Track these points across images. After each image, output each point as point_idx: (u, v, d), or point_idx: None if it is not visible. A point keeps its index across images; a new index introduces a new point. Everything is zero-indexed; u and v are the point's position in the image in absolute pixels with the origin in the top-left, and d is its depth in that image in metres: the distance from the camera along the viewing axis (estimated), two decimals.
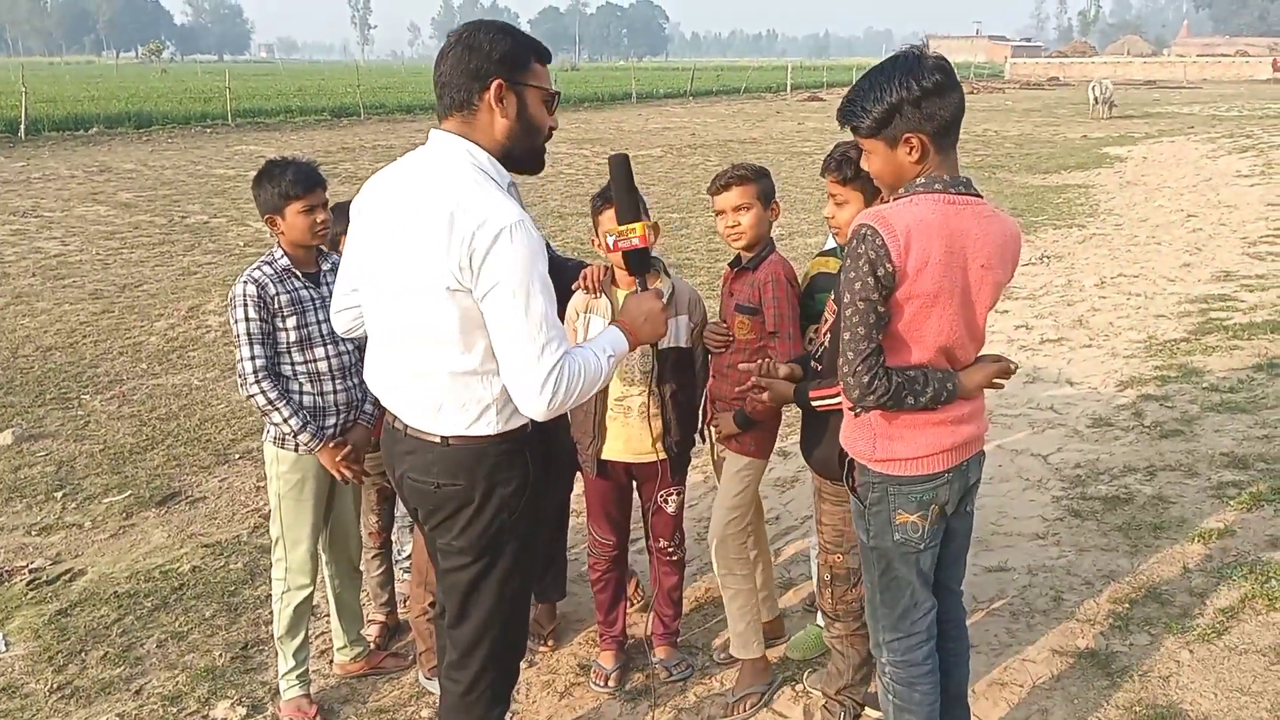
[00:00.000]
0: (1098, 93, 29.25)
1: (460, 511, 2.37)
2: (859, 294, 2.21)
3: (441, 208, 2.17)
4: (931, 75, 2.20)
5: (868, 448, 2.42)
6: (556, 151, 20.65)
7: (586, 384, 2.25)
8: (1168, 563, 3.99)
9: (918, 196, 2.25)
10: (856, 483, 2.51)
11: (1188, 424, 5.46)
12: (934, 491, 2.41)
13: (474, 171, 2.24)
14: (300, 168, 3.17)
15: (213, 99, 31.22)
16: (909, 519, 2.42)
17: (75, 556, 4.46)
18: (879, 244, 2.17)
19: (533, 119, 2.33)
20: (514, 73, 2.27)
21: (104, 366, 7.07)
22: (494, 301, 2.16)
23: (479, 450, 2.33)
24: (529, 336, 2.16)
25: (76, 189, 15.45)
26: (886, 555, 2.48)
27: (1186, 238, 11.25)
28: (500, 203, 2.17)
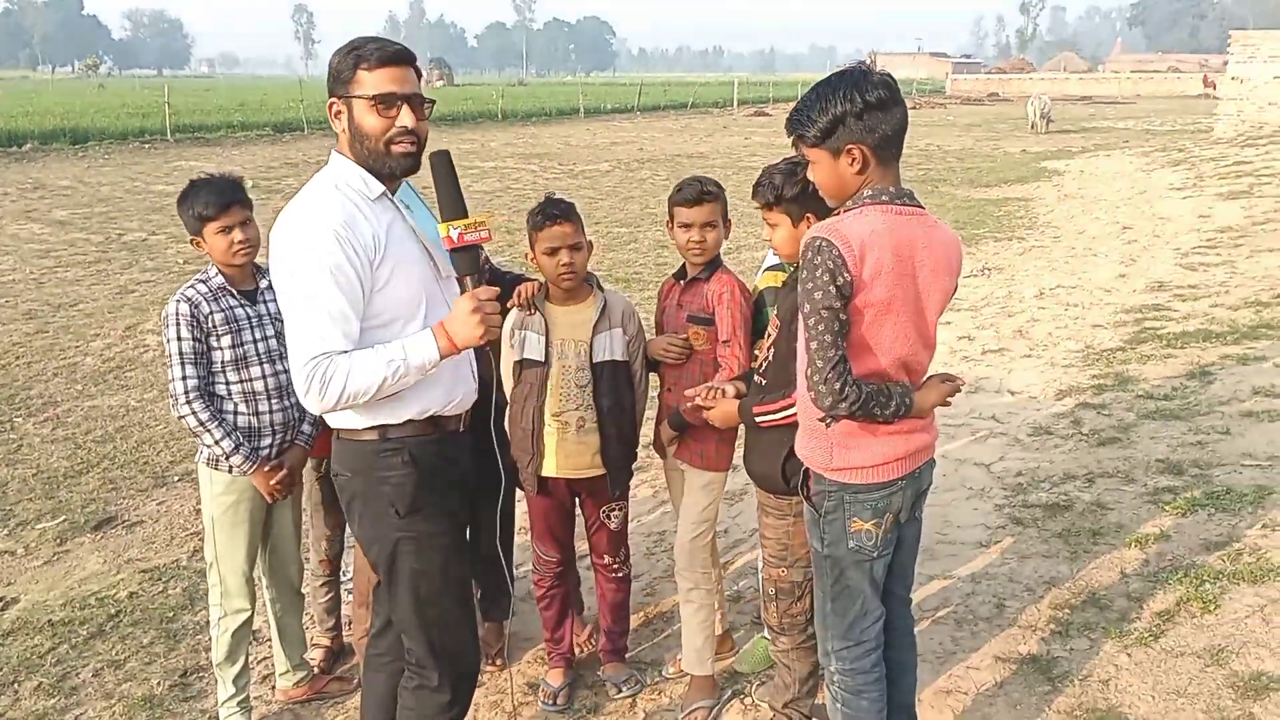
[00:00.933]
0: (1037, 108, 29.90)
1: (354, 501, 2.56)
2: (820, 303, 2.24)
3: (283, 215, 2.41)
4: (876, 90, 2.27)
5: (824, 457, 2.45)
6: (503, 167, 20.63)
7: (356, 385, 2.31)
8: (1106, 568, 4.06)
9: (866, 208, 2.31)
10: (811, 492, 2.53)
11: (1124, 431, 5.57)
12: (889, 499, 2.46)
13: (328, 185, 2.42)
14: (217, 187, 3.11)
15: (151, 114, 30.63)
16: (864, 527, 2.46)
17: (7, 584, 4.33)
18: (835, 254, 2.22)
19: (360, 127, 2.40)
20: (340, 88, 2.41)
21: (38, 388, 6.89)
22: (280, 297, 2.38)
23: (358, 446, 2.50)
24: (294, 332, 2.34)
25: (9, 207, 15.07)
26: (840, 563, 2.51)
27: (1122, 249, 11.52)
28: (310, 208, 2.36)
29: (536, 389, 3.21)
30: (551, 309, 3.25)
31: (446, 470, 2.57)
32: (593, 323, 3.21)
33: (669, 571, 4.30)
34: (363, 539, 2.60)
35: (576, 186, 17.47)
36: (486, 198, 16.06)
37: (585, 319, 3.22)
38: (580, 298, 3.26)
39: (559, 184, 17.71)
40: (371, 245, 2.36)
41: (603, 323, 3.22)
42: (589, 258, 3.26)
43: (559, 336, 3.22)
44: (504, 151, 24.60)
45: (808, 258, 2.26)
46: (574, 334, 3.21)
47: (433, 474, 2.52)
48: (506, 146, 26.17)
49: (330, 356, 2.30)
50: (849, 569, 2.51)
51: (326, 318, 2.30)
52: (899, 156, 2.38)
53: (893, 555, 2.59)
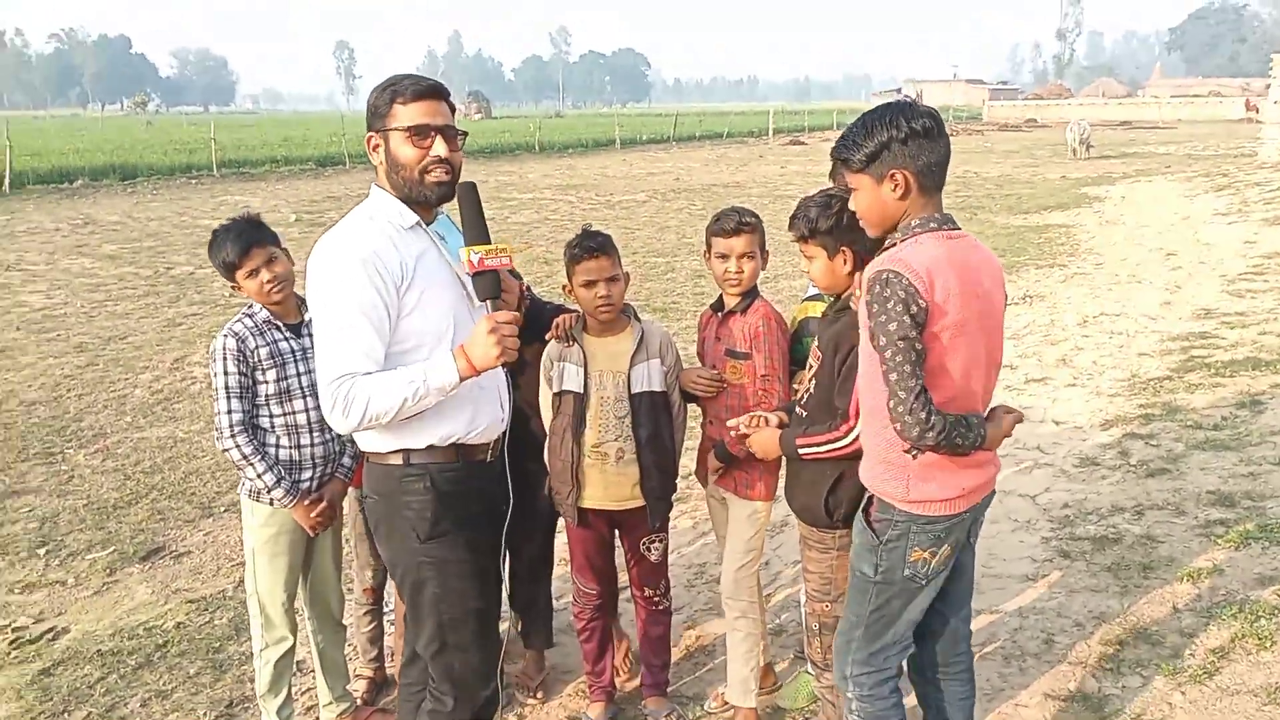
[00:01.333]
0: (1076, 133, 29.67)
1: (379, 526, 2.64)
2: (897, 334, 2.24)
3: (317, 247, 2.52)
4: (921, 119, 2.33)
5: (900, 488, 2.44)
6: (541, 198, 20.81)
7: (378, 406, 2.40)
8: (1158, 603, 3.99)
9: (920, 236, 2.34)
10: (874, 519, 2.52)
11: (1173, 462, 5.48)
12: (951, 530, 2.48)
13: (364, 216, 2.54)
14: (235, 232, 3.17)
15: (198, 150, 31.32)
16: (922, 555, 2.47)
17: (58, 614, 4.40)
18: (905, 283, 2.24)
19: (395, 157, 2.52)
20: (377, 122, 2.53)
21: (88, 420, 7.02)
22: (314, 323, 2.49)
23: (385, 469, 2.58)
24: (320, 355, 2.44)
25: (61, 242, 15.44)
26: (888, 590, 2.51)
27: (1167, 276, 11.37)
28: (349, 236, 2.48)
29: (575, 420, 3.23)
30: (589, 340, 3.27)
31: (469, 498, 2.61)
32: (630, 354, 3.22)
33: (710, 604, 4.28)
34: (388, 562, 2.69)
35: (613, 217, 17.58)
36: (524, 229, 16.20)
37: (623, 350, 3.23)
38: (618, 329, 3.27)
39: (595, 214, 17.83)
40: (399, 272, 2.45)
41: (640, 353, 3.23)
42: (626, 289, 3.28)
43: (597, 368, 3.23)
44: (541, 183, 24.83)
45: (876, 291, 2.27)
46: (612, 365, 3.22)
47: (454, 501, 2.57)
48: (544, 178, 26.41)
49: (354, 377, 2.39)
50: (896, 596, 2.52)
51: (351, 340, 2.41)
52: (941, 187, 2.41)
53: (950, 583, 2.59)
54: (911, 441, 2.30)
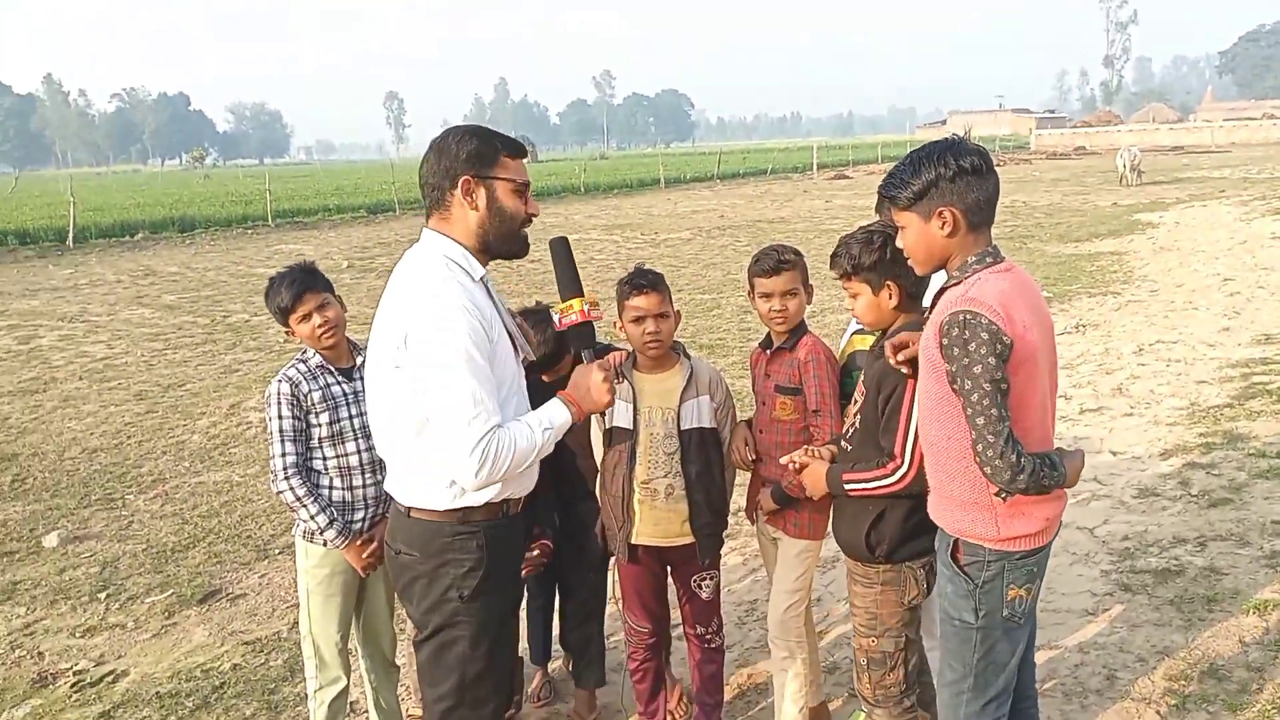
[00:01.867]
0: (1126, 160, 29.31)
1: (415, 583, 2.55)
2: (984, 376, 2.21)
3: (396, 293, 2.49)
4: (969, 156, 2.33)
5: (989, 529, 2.39)
6: (587, 239, 21.00)
7: (519, 455, 2.40)
8: (1223, 637, 3.87)
9: (981, 274, 2.33)
10: (964, 563, 2.46)
11: (1236, 492, 5.34)
12: (1040, 563, 2.45)
13: (441, 263, 2.49)
14: (289, 279, 3.24)
15: (253, 201, 32.16)
16: (1019, 593, 2.43)
17: (118, 657, 4.48)
18: (986, 322, 2.21)
19: (504, 207, 2.53)
20: (482, 169, 2.49)
21: (147, 466, 7.18)
22: (425, 376, 2.38)
23: (434, 526, 2.51)
24: (457, 410, 2.35)
25: (122, 293, 15.89)
26: (992, 634, 2.45)
27: (1224, 301, 11.14)
28: (440, 286, 2.42)
29: (626, 457, 3.24)
30: (639, 377, 3.29)
31: (511, 554, 2.64)
32: (680, 390, 3.23)
33: (762, 641, 4.23)
34: (417, 618, 2.58)
35: (658, 255, 17.67)
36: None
37: (672, 386, 3.25)
38: (667, 365, 3.29)
39: (641, 253, 17.94)
40: (491, 324, 2.47)
41: (689, 390, 3.24)
42: (676, 327, 3.29)
43: (646, 404, 3.25)
44: (587, 224, 25.06)
45: (955, 334, 2.23)
46: (661, 401, 3.24)
47: (502, 559, 2.57)
48: (590, 219, 26.66)
49: (495, 432, 2.37)
50: (1000, 640, 2.45)
51: (485, 393, 2.37)
52: (990, 223, 2.41)
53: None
54: (1002, 485, 2.25)
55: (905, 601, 2.81)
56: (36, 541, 5.85)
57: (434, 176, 2.52)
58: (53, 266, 20.07)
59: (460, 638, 2.53)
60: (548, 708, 3.89)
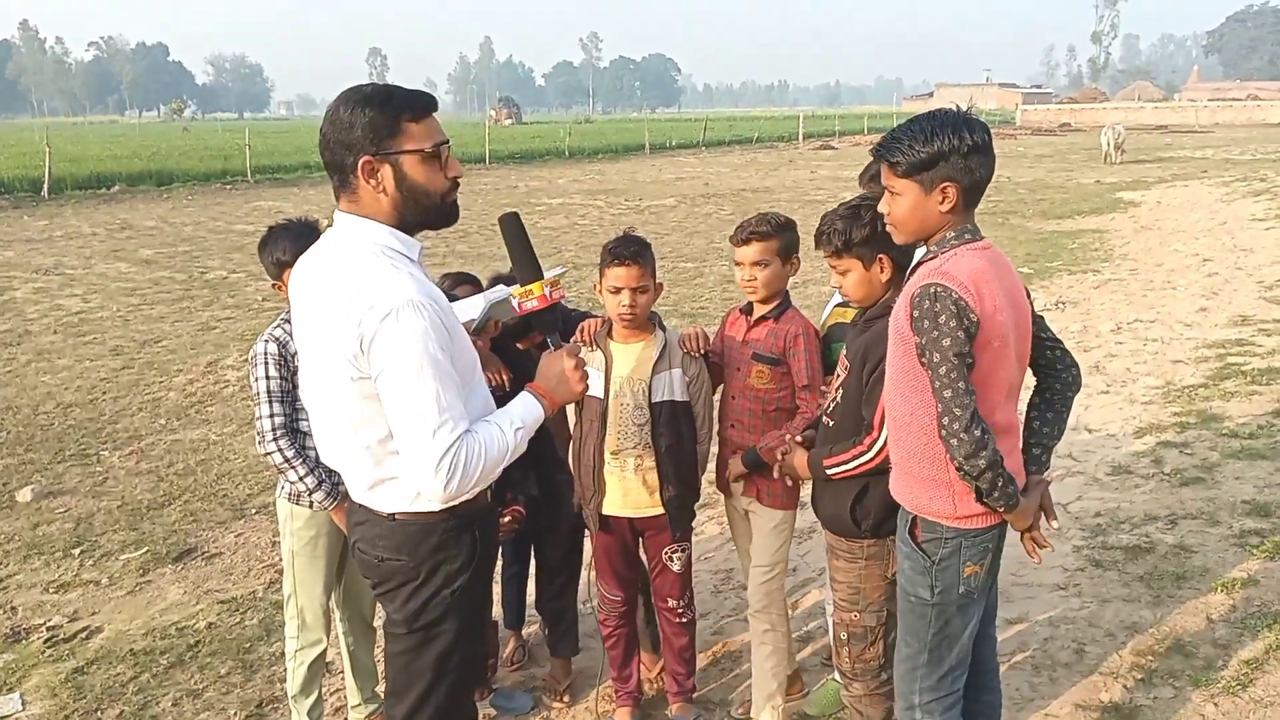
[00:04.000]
0: (1111, 138, 29.36)
1: (403, 586, 2.33)
2: (950, 349, 2.20)
3: (340, 295, 2.15)
4: (979, 134, 2.29)
5: (947, 506, 2.39)
6: (570, 203, 20.89)
7: (491, 462, 2.18)
8: (1191, 614, 3.93)
9: (958, 250, 2.31)
10: (922, 540, 2.45)
11: (1208, 471, 5.40)
12: (997, 538, 2.46)
13: (372, 250, 2.19)
14: (294, 233, 3.16)
15: (233, 156, 31.71)
16: (975, 569, 2.44)
17: (92, 614, 4.47)
18: (955, 298, 2.21)
19: (415, 185, 2.20)
20: (382, 144, 2.16)
21: (123, 423, 7.12)
22: (385, 384, 2.12)
23: (426, 526, 2.29)
24: (421, 418, 2.10)
25: (98, 246, 15.68)
26: (947, 610, 2.46)
27: (1203, 282, 11.22)
28: (391, 283, 2.12)
29: (597, 426, 3.22)
30: (613, 346, 3.25)
31: (493, 537, 2.56)
32: (653, 361, 3.20)
33: (737, 610, 4.27)
34: (401, 616, 2.36)
35: (642, 222, 17.60)
36: (554, 234, 16.27)
37: (645, 357, 3.21)
38: (642, 336, 3.25)
39: (624, 219, 17.85)
40: (445, 309, 2.23)
41: (662, 362, 3.20)
42: (655, 299, 3.24)
43: (618, 374, 3.22)
44: (571, 188, 24.91)
45: (926, 307, 2.22)
46: (633, 372, 3.21)
47: (489, 548, 2.48)
48: (574, 183, 26.50)
49: (463, 439, 2.13)
50: (954, 616, 2.47)
51: (450, 397, 2.13)
52: (978, 203, 2.39)
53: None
54: (961, 461, 2.24)
55: (888, 576, 2.83)
56: (10, 496, 5.80)
57: (331, 155, 2.20)
58: (27, 217, 19.77)
59: (445, 633, 2.35)
60: (522, 671, 3.92)
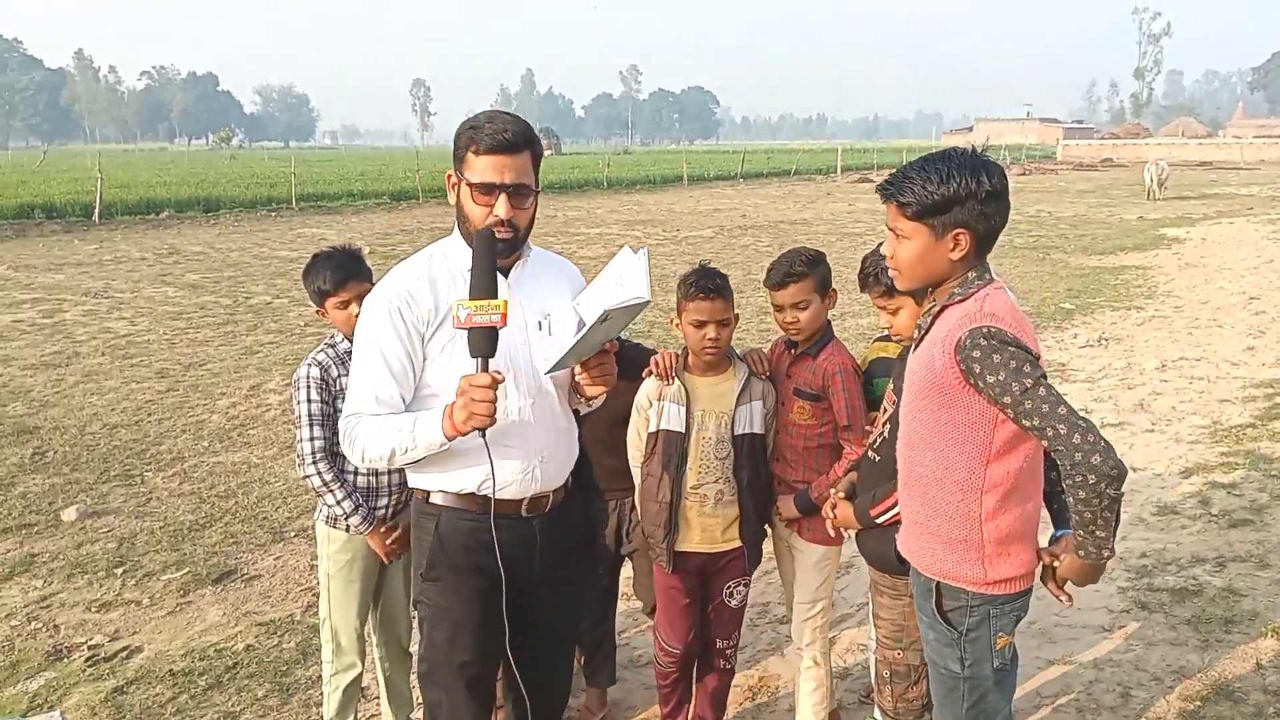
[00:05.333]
0: (1154, 174, 29.07)
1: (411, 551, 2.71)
2: (1031, 374, 2.03)
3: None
4: (995, 178, 2.14)
5: (976, 571, 2.23)
6: (608, 233, 20.99)
7: (372, 451, 2.42)
8: (1240, 659, 3.84)
9: (987, 289, 2.18)
10: (947, 609, 2.29)
11: (1257, 513, 5.29)
12: (1025, 605, 2.31)
13: (425, 257, 2.55)
14: (337, 263, 3.21)
15: (278, 184, 32.30)
16: (1007, 640, 2.28)
17: (133, 633, 4.51)
18: (1011, 336, 2.08)
19: (462, 208, 2.46)
20: (458, 165, 2.47)
21: (167, 444, 7.22)
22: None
23: (416, 502, 2.62)
24: (348, 388, 2.53)
25: (146, 271, 15.99)
26: (982, 684, 2.29)
27: (1249, 320, 11.04)
28: (393, 276, 2.51)
29: (675, 461, 3.15)
30: (691, 379, 3.19)
31: (477, 550, 2.47)
32: (735, 394, 3.16)
33: (773, 644, 4.23)
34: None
35: (679, 252, 17.65)
36: (592, 263, 16.34)
37: (727, 390, 3.17)
38: (721, 369, 3.20)
39: (662, 250, 17.92)
40: (425, 318, 2.41)
41: (744, 395, 3.17)
42: (734, 331, 3.19)
43: (700, 407, 3.16)
44: (609, 219, 25.05)
45: (985, 346, 2.05)
46: (715, 405, 3.16)
47: (455, 550, 2.49)
48: (612, 214, 26.65)
49: (359, 417, 2.44)
50: (991, 689, 2.30)
51: (367, 381, 2.44)
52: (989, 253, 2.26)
53: None
54: (1111, 476, 1.99)
55: None
56: (55, 515, 5.89)
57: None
58: (78, 241, 20.22)
59: (424, 617, 2.58)
60: None
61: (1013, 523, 2.21)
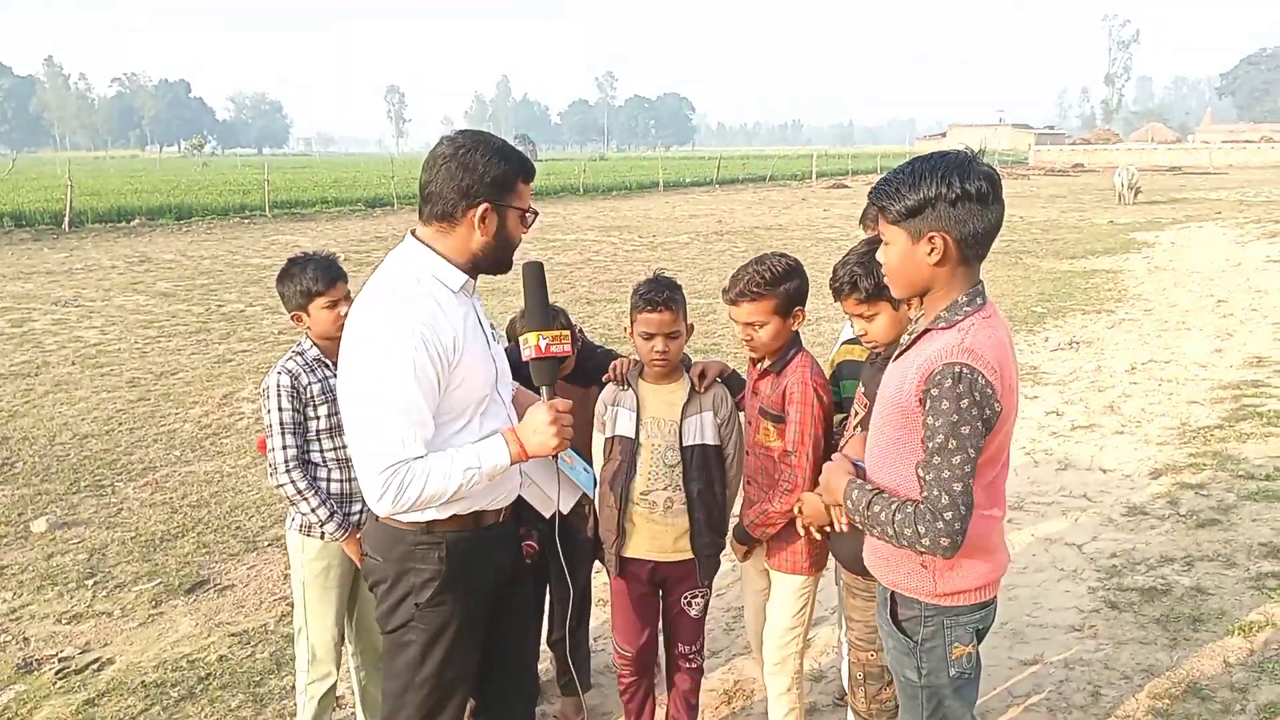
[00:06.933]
0: (1124, 179, 29.41)
1: (378, 586, 2.54)
2: (969, 441, 2.04)
3: (361, 308, 2.42)
4: (976, 181, 2.08)
5: (926, 583, 2.25)
6: (584, 239, 20.99)
7: (431, 490, 2.32)
8: (1208, 657, 3.89)
9: (974, 318, 2.13)
10: (902, 619, 2.30)
11: (1224, 513, 5.36)
12: (985, 618, 2.31)
13: (414, 277, 2.41)
14: (321, 264, 3.24)
15: (251, 191, 32.07)
16: (964, 651, 2.28)
17: (104, 645, 4.47)
18: (982, 384, 2.04)
19: (509, 236, 2.47)
20: (501, 196, 2.41)
21: (138, 454, 7.16)
22: (348, 397, 2.38)
23: (397, 534, 2.48)
24: (373, 435, 2.31)
25: (117, 279, 15.83)
26: (939, 693, 2.30)
27: (1218, 323, 11.19)
28: (394, 309, 2.35)
29: (626, 467, 3.16)
30: (644, 386, 3.20)
31: (478, 566, 2.53)
32: (682, 404, 3.14)
33: (749, 648, 4.24)
34: (380, 615, 2.56)
35: (655, 258, 17.68)
36: (568, 269, 16.34)
37: (676, 400, 3.16)
38: (673, 378, 3.19)
39: (638, 256, 17.95)
40: (450, 347, 2.36)
41: (692, 405, 3.15)
42: (686, 343, 3.19)
43: (649, 414, 3.16)
44: (585, 224, 25.06)
45: (947, 387, 2.05)
46: (664, 413, 3.15)
47: (464, 570, 2.50)
48: (588, 220, 26.66)
49: (408, 463, 2.29)
50: (949, 698, 2.31)
51: (410, 423, 2.29)
52: (983, 259, 2.18)
53: None
54: (940, 551, 2.08)
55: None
56: (25, 526, 5.83)
57: (448, 189, 2.39)
58: (48, 250, 19.99)
59: (412, 642, 2.50)
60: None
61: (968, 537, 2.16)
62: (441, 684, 2.53)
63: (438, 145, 2.45)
